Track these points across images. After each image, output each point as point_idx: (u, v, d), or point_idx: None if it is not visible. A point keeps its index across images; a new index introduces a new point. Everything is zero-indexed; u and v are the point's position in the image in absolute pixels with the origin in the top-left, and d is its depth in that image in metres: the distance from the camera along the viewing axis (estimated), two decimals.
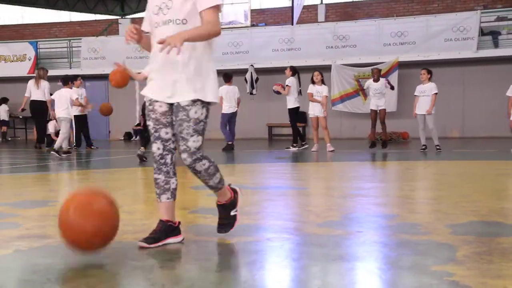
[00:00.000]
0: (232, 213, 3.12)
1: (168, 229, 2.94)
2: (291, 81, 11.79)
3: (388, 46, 16.19)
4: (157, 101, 2.91)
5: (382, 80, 11.44)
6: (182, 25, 2.81)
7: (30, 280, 2.33)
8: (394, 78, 15.93)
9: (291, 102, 11.77)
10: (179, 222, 3.02)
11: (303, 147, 11.81)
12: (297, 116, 12.09)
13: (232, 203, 3.14)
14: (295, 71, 11.98)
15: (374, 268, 2.46)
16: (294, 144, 11.80)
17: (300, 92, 12.03)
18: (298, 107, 11.93)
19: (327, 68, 15.97)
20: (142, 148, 9.00)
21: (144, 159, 8.77)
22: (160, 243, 2.89)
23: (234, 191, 3.18)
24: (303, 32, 17.05)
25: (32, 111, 12.76)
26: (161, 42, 2.65)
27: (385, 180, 6.37)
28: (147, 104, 2.97)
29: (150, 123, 2.96)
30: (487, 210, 3.96)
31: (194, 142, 2.84)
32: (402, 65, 15.90)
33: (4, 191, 5.37)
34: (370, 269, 2.44)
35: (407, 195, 4.82)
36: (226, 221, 3.10)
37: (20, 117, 19.75)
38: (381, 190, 5.28)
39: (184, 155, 2.85)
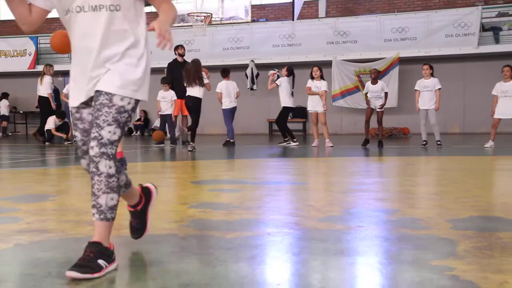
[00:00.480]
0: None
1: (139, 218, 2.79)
2: (281, 80, 11.81)
3: (389, 42, 16.17)
4: (85, 108, 2.43)
5: (380, 82, 11.33)
6: (116, 12, 2.34)
7: (31, 274, 2.33)
8: (394, 73, 15.94)
9: (286, 100, 11.80)
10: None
11: (286, 143, 11.76)
12: (288, 115, 12.11)
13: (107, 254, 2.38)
14: (291, 72, 11.97)
15: (375, 263, 2.45)
16: (294, 139, 11.81)
17: (292, 94, 12.03)
18: (292, 108, 11.96)
19: (328, 64, 15.96)
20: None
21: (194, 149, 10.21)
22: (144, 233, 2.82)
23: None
24: (304, 27, 17.03)
25: (39, 106, 13.94)
26: (151, 28, 2.23)
27: (385, 175, 6.37)
28: (73, 111, 2.46)
29: (77, 134, 2.47)
30: (487, 205, 3.96)
31: (109, 132, 2.29)
32: (402, 61, 15.88)
33: (4, 186, 5.37)
34: (371, 264, 2.44)
35: (407, 190, 4.82)
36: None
37: (21, 112, 19.77)
38: (382, 185, 5.28)
39: (93, 143, 2.29)
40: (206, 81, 10.65)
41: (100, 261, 2.26)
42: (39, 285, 2.15)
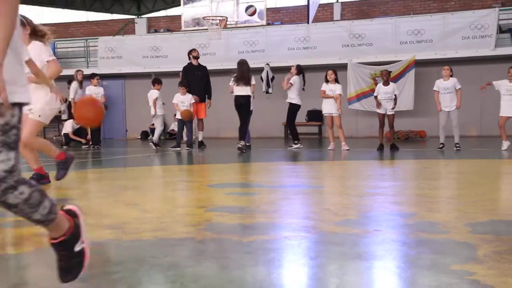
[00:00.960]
0: (77, 248, 2.16)
1: None
2: (295, 79, 11.82)
3: (405, 44, 16.09)
4: None
5: (392, 84, 11.25)
6: None
7: (52, 277, 2.35)
8: (411, 76, 15.85)
9: (293, 98, 11.83)
10: None
11: (296, 146, 11.70)
12: (295, 114, 12.06)
13: (74, 235, 2.17)
14: (300, 70, 12.03)
15: (393, 267, 2.44)
16: (296, 142, 11.76)
17: (303, 89, 12.08)
18: (299, 105, 11.93)
19: (343, 67, 15.92)
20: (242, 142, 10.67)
21: (244, 150, 10.45)
22: None
23: (73, 215, 2.22)
24: (319, 30, 17.01)
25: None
26: None
27: (402, 179, 6.34)
28: None
29: None
30: (506, 209, 3.92)
31: (2, 162, 1.84)
32: (419, 64, 15.79)
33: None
34: (389, 268, 2.43)
35: (425, 194, 4.78)
36: (69, 264, 2.14)
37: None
38: (399, 189, 5.26)
39: None
40: (253, 82, 11.03)
41: (77, 247, 2.17)
42: None
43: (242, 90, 10.88)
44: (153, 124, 18.64)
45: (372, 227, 3.31)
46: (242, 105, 10.94)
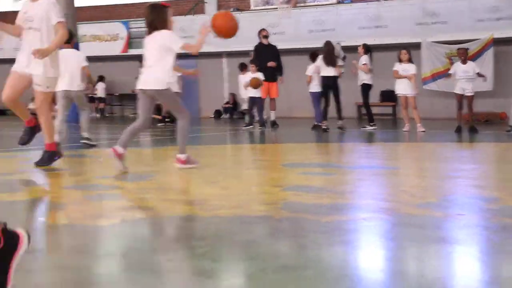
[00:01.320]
0: None
1: None
2: (366, 59, 11.66)
3: (482, 22, 15.38)
4: None
5: (470, 62, 10.78)
6: None
7: (139, 248, 2.45)
8: (489, 56, 15.18)
9: (364, 77, 11.68)
10: None
11: (371, 127, 11.51)
12: (368, 93, 11.92)
13: None
14: (368, 49, 11.87)
15: (476, 252, 2.39)
16: (371, 124, 11.56)
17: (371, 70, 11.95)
18: (371, 85, 11.81)
19: (416, 46, 15.43)
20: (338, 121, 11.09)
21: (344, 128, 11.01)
22: None
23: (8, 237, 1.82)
24: (391, 8, 16.54)
25: None
26: None
27: (482, 162, 6.12)
28: None
29: None
30: None
31: None
32: (498, 42, 15.07)
33: (106, 165, 5.64)
34: (472, 253, 2.37)
35: (507, 178, 4.60)
36: None
37: (116, 94, 20.64)
38: (479, 172, 5.08)
39: None
40: (341, 63, 11.21)
41: None
42: (146, 260, 2.26)
43: (328, 71, 10.96)
44: (226, 103, 18.96)
45: (454, 210, 3.23)
46: (330, 87, 11.13)
